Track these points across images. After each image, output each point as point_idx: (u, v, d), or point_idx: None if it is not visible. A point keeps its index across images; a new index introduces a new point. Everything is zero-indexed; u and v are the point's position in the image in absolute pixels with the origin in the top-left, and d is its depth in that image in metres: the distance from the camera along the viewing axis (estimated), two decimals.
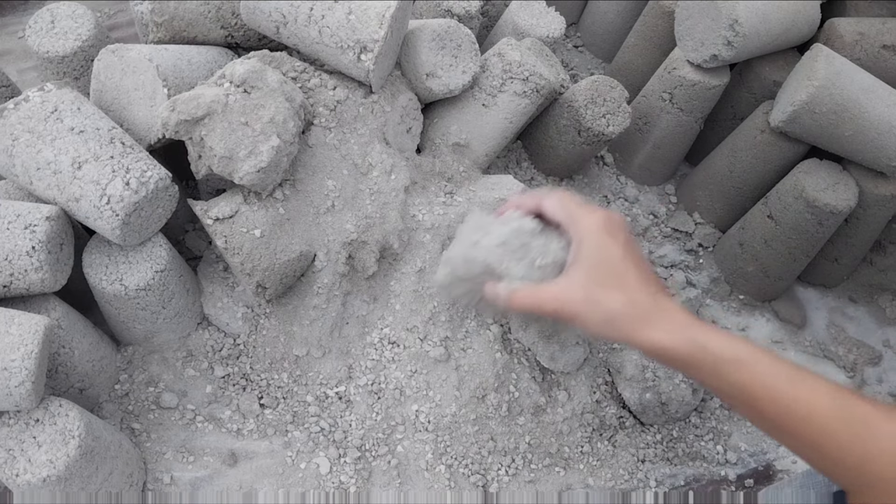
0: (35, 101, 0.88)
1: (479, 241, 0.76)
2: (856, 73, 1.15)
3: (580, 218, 0.73)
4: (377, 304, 1.06)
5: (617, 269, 0.70)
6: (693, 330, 0.66)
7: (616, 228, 0.72)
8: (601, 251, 0.71)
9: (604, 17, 1.55)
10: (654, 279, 0.71)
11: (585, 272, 0.71)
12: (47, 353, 0.83)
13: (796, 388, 0.63)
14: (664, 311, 0.67)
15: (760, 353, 0.65)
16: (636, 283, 0.70)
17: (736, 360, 0.65)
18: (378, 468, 1.03)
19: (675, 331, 0.66)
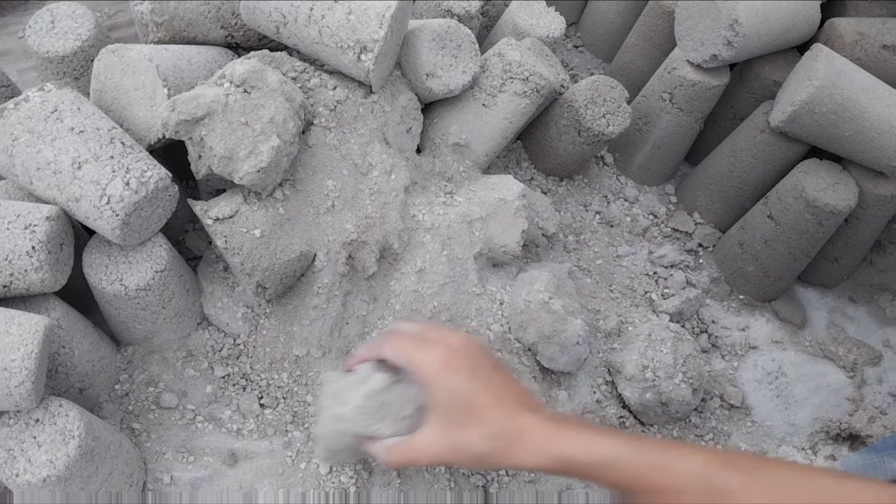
0: (35, 101, 0.88)
1: (340, 414, 0.78)
2: (856, 73, 1.15)
3: (418, 362, 0.73)
4: (377, 304, 1.06)
5: (468, 406, 0.70)
6: (554, 446, 0.67)
7: (458, 361, 0.72)
8: (447, 393, 0.71)
9: (604, 17, 1.55)
10: (514, 396, 0.71)
11: (439, 419, 0.72)
12: (47, 353, 0.83)
13: (663, 476, 0.63)
14: (524, 435, 0.68)
15: (624, 447, 0.66)
16: (491, 413, 0.69)
17: (600, 464, 0.65)
18: (378, 468, 1.03)
19: (538, 451, 0.67)
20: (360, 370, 0.80)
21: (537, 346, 1.07)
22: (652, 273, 1.33)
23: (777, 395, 1.25)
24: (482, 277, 1.11)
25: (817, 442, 1.20)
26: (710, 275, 1.37)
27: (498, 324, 1.09)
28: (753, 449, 1.18)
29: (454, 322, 1.07)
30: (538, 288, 1.08)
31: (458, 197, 1.11)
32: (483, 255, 1.11)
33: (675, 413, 1.13)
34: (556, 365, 1.08)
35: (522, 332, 1.08)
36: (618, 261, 1.34)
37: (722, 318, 1.33)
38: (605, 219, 1.37)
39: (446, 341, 0.74)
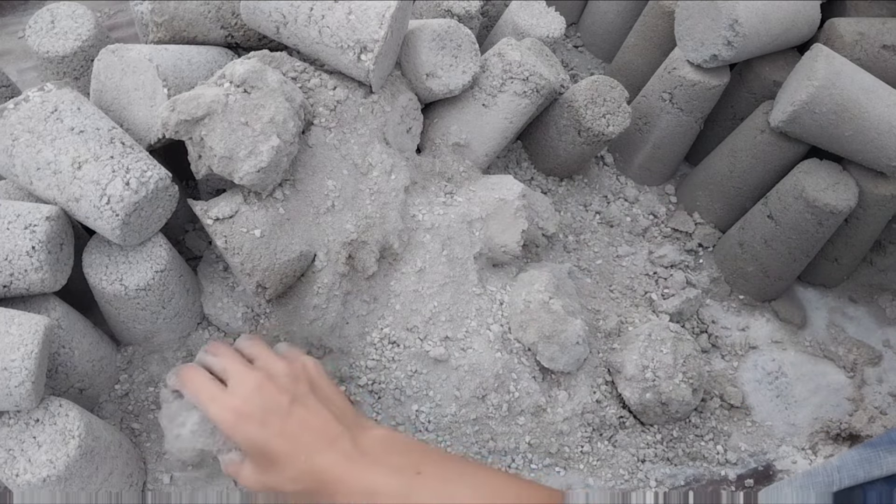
0: (35, 101, 0.88)
1: (180, 435, 0.85)
2: (856, 73, 1.15)
3: (213, 416, 0.77)
4: (377, 303, 1.06)
5: (265, 454, 0.74)
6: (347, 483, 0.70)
7: (251, 409, 0.75)
8: (245, 444, 0.75)
9: (604, 17, 1.55)
10: (311, 435, 0.73)
11: (250, 462, 0.77)
12: (47, 353, 0.83)
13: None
14: (322, 478, 0.71)
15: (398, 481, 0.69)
16: (287, 457, 0.72)
17: (373, 493, 0.68)
18: None
19: (336, 490, 0.70)
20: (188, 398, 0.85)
21: (537, 346, 1.07)
22: (652, 273, 1.33)
23: (777, 395, 1.25)
24: (482, 277, 1.11)
25: (817, 442, 1.20)
26: (710, 275, 1.37)
27: (498, 324, 1.09)
28: (753, 449, 1.18)
29: (454, 322, 1.07)
30: (538, 288, 1.08)
31: (458, 197, 1.11)
32: (483, 255, 1.11)
33: (675, 413, 1.13)
34: (556, 365, 1.08)
35: (522, 332, 1.08)
36: (618, 261, 1.34)
37: (722, 318, 1.33)
38: (605, 219, 1.37)
39: (238, 390, 0.76)
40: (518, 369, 1.07)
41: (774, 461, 1.17)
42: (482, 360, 1.05)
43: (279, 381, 0.78)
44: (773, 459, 1.17)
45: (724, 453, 1.16)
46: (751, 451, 1.17)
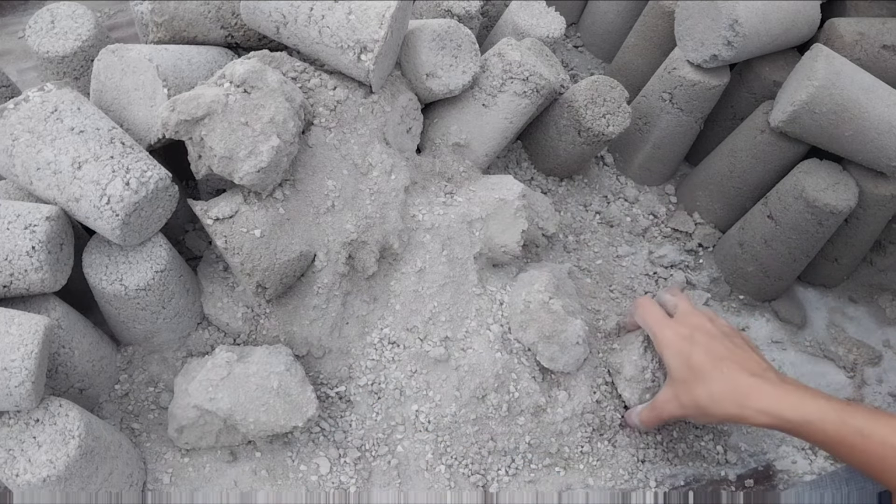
0: (35, 101, 0.88)
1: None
2: (856, 73, 1.15)
3: (660, 336, 0.93)
4: (377, 304, 1.06)
5: (696, 370, 0.87)
6: (768, 404, 0.80)
7: (692, 331, 0.90)
8: (679, 359, 0.89)
9: (604, 17, 1.55)
10: (736, 361, 0.85)
11: (672, 382, 0.91)
12: (47, 353, 0.83)
13: (865, 442, 0.73)
14: (744, 395, 0.82)
15: (829, 410, 0.76)
16: (711, 373, 0.85)
17: (805, 422, 0.77)
18: (378, 468, 1.03)
19: (754, 408, 0.81)
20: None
21: (537, 346, 1.07)
22: (652, 273, 1.33)
23: None
24: (482, 277, 1.11)
25: None
26: (710, 275, 1.37)
27: (498, 324, 1.09)
28: (753, 449, 1.18)
29: (454, 322, 1.07)
30: (538, 288, 1.08)
31: (458, 197, 1.11)
32: (483, 256, 1.11)
33: None
34: (556, 365, 1.08)
35: (522, 332, 1.08)
36: (618, 261, 1.34)
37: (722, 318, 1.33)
38: (605, 219, 1.37)
39: (686, 319, 0.93)
40: (518, 369, 1.07)
41: (774, 461, 1.17)
42: (482, 360, 1.05)
43: (720, 326, 0.92)
44: (773, 459, 1.17)
45: (724, 453, 1.16)
46: (751, 451, 1.17)
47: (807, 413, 0.77)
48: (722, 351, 0.87)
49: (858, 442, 0.73)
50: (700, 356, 0.86)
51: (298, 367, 0.98)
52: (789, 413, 0.78)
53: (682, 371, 0.88)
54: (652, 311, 0.96)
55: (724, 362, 0.85)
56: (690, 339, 0.89)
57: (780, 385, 0.81)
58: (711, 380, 0.85)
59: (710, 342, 0.87)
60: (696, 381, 0.86)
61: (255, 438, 0.97)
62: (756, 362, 0.86)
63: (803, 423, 0.77)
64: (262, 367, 0.95)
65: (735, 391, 0.82)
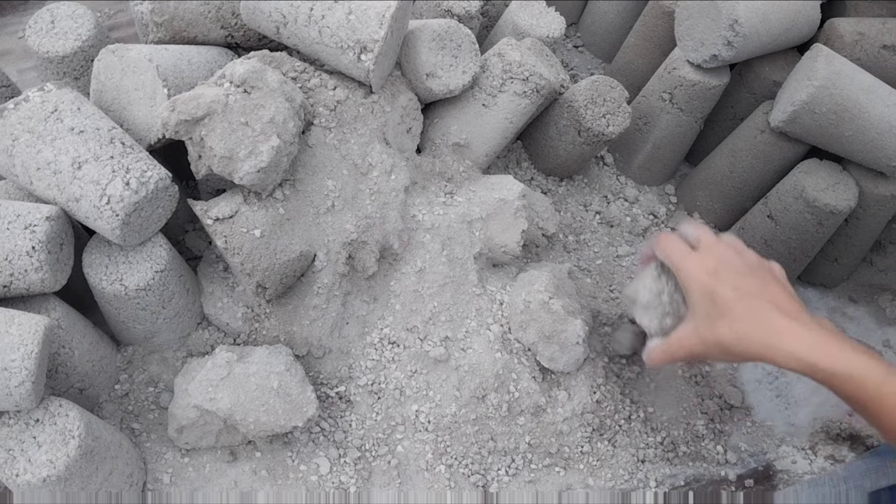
0: (35, 101, 0.88)
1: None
2: (856, 73, 1.15)
3: (683, 269, 0.84)
4: (377, 304, 1.06)
5: (721, 306, 0.79)
6: (805, 352, 0.73)
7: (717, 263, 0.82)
8: (702, 294, 0.81)
9: (604, 17, 1.55)
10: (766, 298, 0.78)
11: (694, 316, 0.83)
12: (47, 353, 0.83)
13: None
14: (775, 336, 0.75)
15: (871, 366, 0.70)
16: (738, 309, 0.78)
17: (845, 376, 0.71)
18: (378, 468, 1.03)
19: (789, 353, 0.74)
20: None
21: (537, 346, 1.07)
22: None
23: (777, 395, 1.25)
24: (482, 277, 1.11)
25: (817, 442, 1.20)
26: None
27: (498, 324, 1.09)
28: (753, 449, 1.18)
29: (454, 322, 1.07)
30: (538, 288, 1.08)
31: (458, 197, 1.11)
32: (483, 256, 1.11)
33: None
34: (556, 365, 1.08)
35: (522, 332, 1.08)
36: (618, 261, 1.34)
37: None
38: (605, 219, 1.37)
39: (710, 252, 0.84)
40: (518, 369, 1.07)
41: (774, 461, 1.17)
42: (482, 360, 1.05)
43: (747, 258, 0.84)
44: (773, 459, 1.17)
45: (724, 453, 1.16)
46: (751, 451, 1.17)
47: (848, 365, 0.70)
48: (750, 286, 0.79)
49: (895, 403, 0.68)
50: (726, 290, 0.79)
51: (298, 367, 0.98)
52: (826, 362, 0.71)
53: (706, 306, 0.80)
54: (674, 243, 0.86)
55: (753, 298, 0.78)
56: (716, 273, 0.80)
57: (817, 330, 0.75)
58: (738, 316, 0.77)
59: (737, 276, 0.80)
60: (720, 316, 0.79)
61: (255, 438, 0.97)
62: (788, 301, 0.79)
63: (843, 375, 0.70)
64: (262, 367, 0.95)
65: (764, 330, 0.76)
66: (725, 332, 0.78)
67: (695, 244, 0.87)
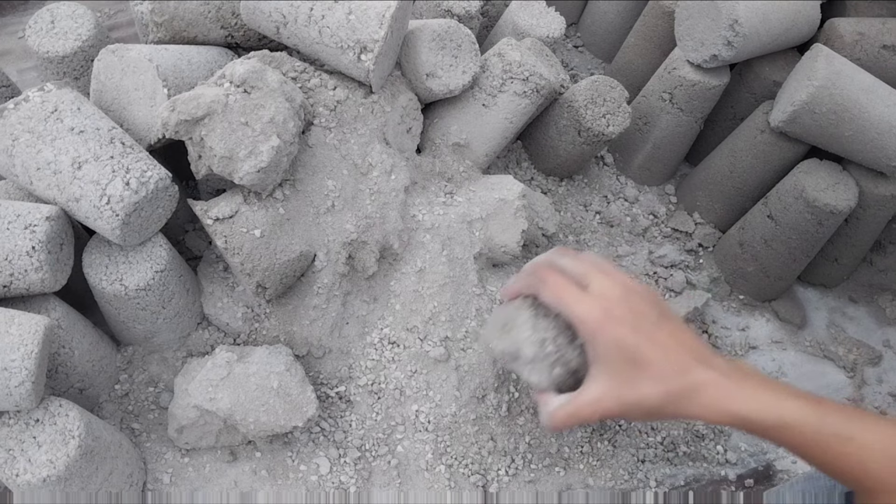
0: (35, 101, 0.88)
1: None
2: (856, 73, 1.15)
3: (579, 315, 0.71)
4: (377, 304, 1.06)
5: (635, 359, 0.69)
6: (733, 403, 0.66)
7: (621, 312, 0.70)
8: (612, 347, 0.69)
9: (604, 17, 1.55)
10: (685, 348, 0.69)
11: (609, 376, 0.70)
12: (47, 353, 0.83)
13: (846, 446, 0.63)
14: (700, 390, 0.67)
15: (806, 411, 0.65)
16: (661, 366, 0.68)
17: (780, 426, 0.65)
18: (378, 468, 1.03)
19: (716, 408, 0.67)
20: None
21: None
22: (652, 273, 1.33)
23: None
24: (482, 277, 1.11)
25: None
26: (710, 275, 1.37)
27: None
28: (753, 449, 1.18)
29: (454, 322, 1.07)
30: None
31: (458, 197, 1.11)
32: (483, 255, 1.11)
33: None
34: None
35: None
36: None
37: (722, 318, 1.33)
38: (605, 219, 1.37)
39: (607, 293, 0.71)
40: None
41: (774, 461, 1.17)
42: (482, 360, 1.05)
43: (639, 294, 0.72)
44: (773, 459, 1.17)
45: (724, 453, 1.16)
46: (751, 451, 1.17)
47: (782, 414, 0.65)
48: (665, 337, 0.70)
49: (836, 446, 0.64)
50: (641, 343, 0.69)
51: (298, 367, 0.98)
52: (757, 414, 0.66)
53: (620, 363, 0.69)
54: (562, 284, 0.73)
55: (671, 351, 0.69)
56: (623, 320, 0.70)
57: (740, 378, 0.68)
58: (660, 374, 0.68)
59: (644, 322, 0.70)
60: (640, 374, 0.69)
61: (255, 438, 0.97)
62: (699, 345, 0.71)
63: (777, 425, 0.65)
64: (262, 367, 0.95)
65: (689, 387, 0.68)
66: (649, 392, 0.68)
67: (581, 280, 0.74)
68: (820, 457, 0.65)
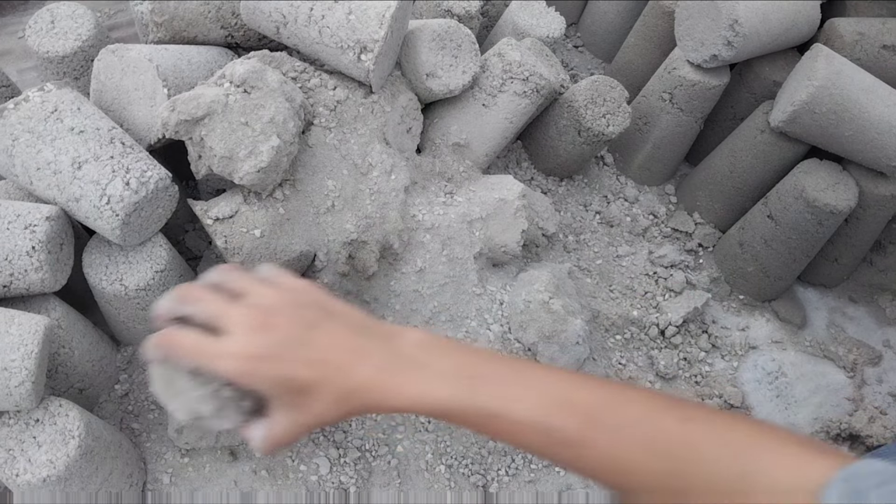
0: (35, 101, 0.88)
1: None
2: (856, 73, 1.15)
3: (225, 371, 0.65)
4: (377, 303, 1.06)
5: (301, 388, 0.65)
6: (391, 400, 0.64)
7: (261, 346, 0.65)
8: (273, 387, 0.65)
9: (604, 17, 1.55)
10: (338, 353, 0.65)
11: (283, 410, 0.66)
12: (47, 353, 0.83)
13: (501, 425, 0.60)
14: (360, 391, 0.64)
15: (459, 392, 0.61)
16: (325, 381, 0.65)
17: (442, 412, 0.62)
18: (378, 468, 1.03)
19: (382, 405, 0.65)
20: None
21: (537, 346, 1.07)
22: (652, 273, 1.33)
23: (777, 395, 1.25)
24: (482, 277, 1.11)
25: None
26: (710, 275, 1.37)
27: (498, 324, 1.09)
28: None
29: (454, 322, 1.07)
30: (538, 288, 1.08)
31: (458, 197, 1.11)
32: (483, 255, 1.11)
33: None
34: (555, 365, 1.08)
35: (522, 332, 1.08)
36: (618, 261, 1.34)
37: (722, 318, 1.33)
38: (605, 219, 1.37)
39: (239, 335, 0.66)
40: None
41: None
42: None
43: (282, 312, 0.67)
44: None
45: None
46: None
47: (437, 402, 0.62)
48: (324, 341, 0.67)
49: (494, 427, 0.60)
50: (298, 370, 0.65)
51: None
52: (418, 406, 0.63)
53: (287, 397, 0.66)
54: (187, 341, 0.67)
55: (332, 356, 0.65)
56: (274, 356, 0.66)
57: (397, 369, 0.65)
58: (328, 388, 0.66)
59: (300, 341, 0.66)
60: (311, 399, 0.66)
61: None
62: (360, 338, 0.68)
63: (442, 412, 0.61)
64: None
65: (354, 388, 0.64)
66: (323, 409, 0.65)
67: (239, 293, 0.69)
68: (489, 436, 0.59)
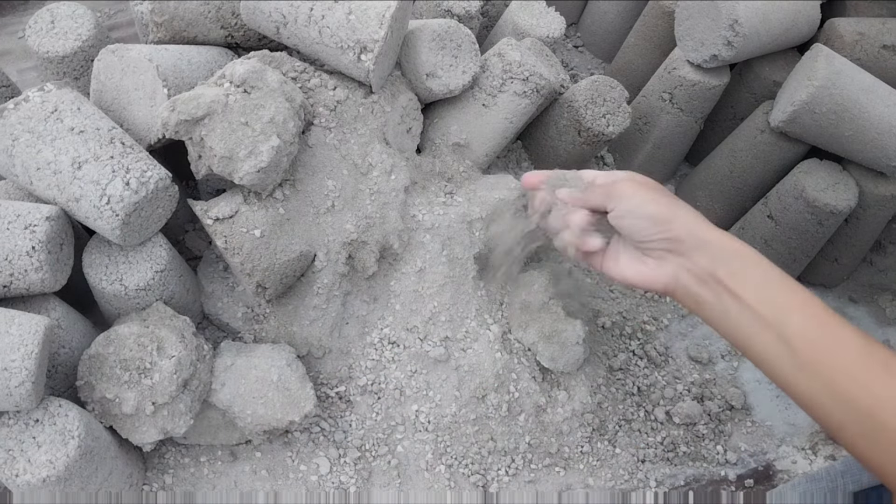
0: (35, 101, 0.88)
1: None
2: (856, 73, 1.15)
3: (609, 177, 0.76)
4: (377, 304, 1.06)
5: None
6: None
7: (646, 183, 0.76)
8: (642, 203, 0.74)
9: (604, 17, 1.55)
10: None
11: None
12: (47, 353, 0.83)
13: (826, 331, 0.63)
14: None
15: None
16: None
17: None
18: (378, 468, 1.03)
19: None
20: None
21: (537, 346, 1.07)
22: None
23: (777, 395, 1.25)
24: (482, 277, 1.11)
25: (817, 442, 1.20)
26: None
27: (498, 324, 1.09)
28: (753, 449, 1.18)
29: (454, 322, 1.07)
30: (538, 288, 1.08)
31: (458, 197, 1.11)
32: (483, 255, 1.11)
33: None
34: (556, 365, 1.08)
35: (522, 332, 1.08)
36: None
37: None
38: None
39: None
40: (518, 369, 1.07)
41: (774, 461, 1.17)
42: (482, 360, 1.05)
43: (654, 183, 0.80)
44: (774, 459, 1.17)
45: (724, 453, 1.16)
46: (751, 451, 1.17)
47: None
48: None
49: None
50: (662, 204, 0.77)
51: (300, 364, 0.98)
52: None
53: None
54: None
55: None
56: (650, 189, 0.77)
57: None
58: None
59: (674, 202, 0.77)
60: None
61: (252, 435, 0.97)
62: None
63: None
64: (264, 361, 0.95)
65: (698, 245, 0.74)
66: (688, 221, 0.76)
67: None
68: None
